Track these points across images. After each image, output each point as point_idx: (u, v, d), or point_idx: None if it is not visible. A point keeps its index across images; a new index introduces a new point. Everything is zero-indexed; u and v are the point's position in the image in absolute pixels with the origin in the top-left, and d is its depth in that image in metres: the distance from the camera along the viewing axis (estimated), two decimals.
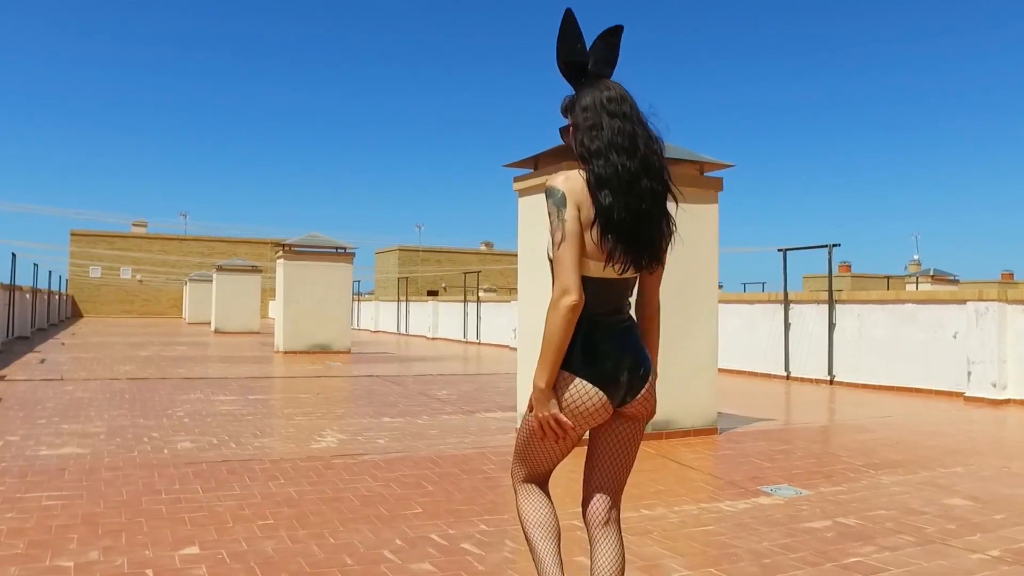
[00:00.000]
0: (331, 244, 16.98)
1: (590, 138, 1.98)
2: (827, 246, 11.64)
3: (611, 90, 2.03)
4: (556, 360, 1.96)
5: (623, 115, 1.99)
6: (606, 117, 1.98)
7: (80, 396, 8.74)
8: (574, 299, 1.90)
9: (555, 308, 1.92)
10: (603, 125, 1.98)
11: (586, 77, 2.09)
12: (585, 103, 2.03)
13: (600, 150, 1.96)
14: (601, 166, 1.95)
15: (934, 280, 25.96)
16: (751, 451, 6.13)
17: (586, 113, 2.01)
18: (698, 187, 6.72)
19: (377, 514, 4.11)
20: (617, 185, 1.93)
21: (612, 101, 2.00)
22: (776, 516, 4.33)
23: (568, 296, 1.90)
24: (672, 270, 6.47)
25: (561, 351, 1.95)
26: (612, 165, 1.94)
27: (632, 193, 1.95)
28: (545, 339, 1.94)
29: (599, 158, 1.96)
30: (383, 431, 6.73)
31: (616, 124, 1.98)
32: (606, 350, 2.02)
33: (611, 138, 1.96)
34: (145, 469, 4.98)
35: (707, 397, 6.70)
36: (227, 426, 6.86)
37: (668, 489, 4.95)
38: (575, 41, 2.08)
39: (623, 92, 2.04)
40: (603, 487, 2.16)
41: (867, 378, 10.84)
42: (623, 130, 1.97)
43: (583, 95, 2.05)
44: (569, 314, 1.91)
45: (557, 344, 1.93)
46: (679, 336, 6.53)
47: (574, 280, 1.91)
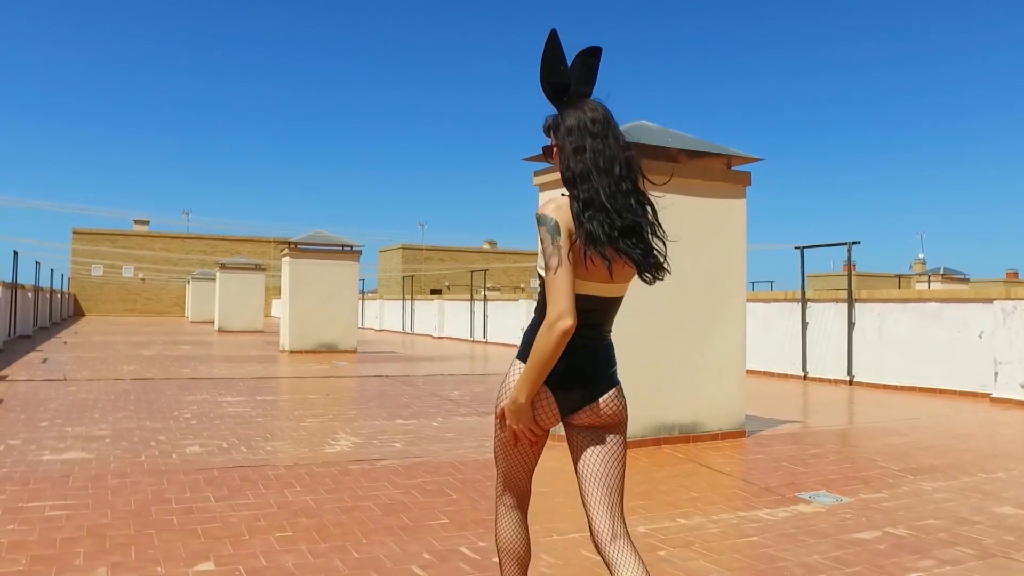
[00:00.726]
0: (337, 242, 16.74)
1: (575, 161, 2.04)
2: (846, 243, 11.39)
3: (594, 111, 2.08)
4: (540, 379, 2.01)
5: (604, 136, 2.05)
6: (589, 139, 2.04)
7: (84, 397, 8.51)
8: (569, 323, 1.94)
9: (549, 331, 1.96)
10: (586, 147, 2.03)
11: (568, 97, 2.13)
12: (569, 125, 2.08)
13: (584, 173, 2.02)
14: (585, 190, 2.01)
15: (944, 279, 25.63)
16: (782, 455, 5.89)
17: (571, 136, 2.06)
18: (725, 181, 6.48)
19: (401, 525, 3.88)
20: (600, 206, 1.99)
21: (595, 123, 2.06)
22: (820, 526, 4.10)
23: (564, 320, 1.94)
24: (697, 266, 6.26)
25: (547, 371, 2.00)
26: (593, 188, 2.00)
27: (614, 212, 2.01)
28: (534, 358, 2.00)
29: (584, 182, 2.02)
30: (398, 434, 6.49)
31: (598, 145, 2.04)
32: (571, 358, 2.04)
33: (593, 160, 2.02)
34: (153, 476, 4.74)
35: (735, 399, 6.46)
36: (236, 429, 6.62)
37: (702, 496, 4.72)
38: (558, 62, 2.12)
39: (605, 112, 2.10)
40: (599, 504, 2.12)
41: (888, 378, 10.60)
42: (604, 151, 2.04)
43: (567, 116, 2.10)
44: (562, 338, 1.95)
45: (545, 364, 1.99)
46: (705, 336, 6.30)
47: (568, 305, 1.96)
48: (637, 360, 5.96)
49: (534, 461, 2.25)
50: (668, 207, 6.15)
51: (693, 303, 6.26)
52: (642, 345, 6.00)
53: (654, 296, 6.17)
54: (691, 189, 6.29)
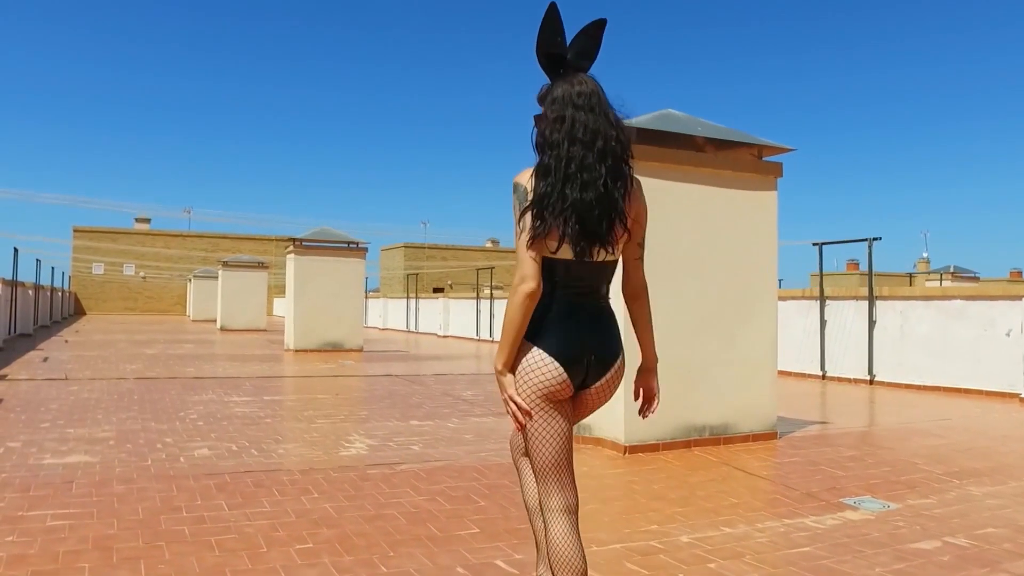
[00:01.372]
0: (342, 239, 16.46)
1: (551, 130, 2.03)
2: (866, 239, 11.12)
3: (583, 84, 2.06)
4: (514, 343, 2.04)
5: (589, 108, 2.03)
6: (571, 110, 2.02)
7: (86, 397, 8.24)
8: (531, 286, 1.98)
9: (514, 294, 2.00)
10: (566, 118, 2.02)
11: (564, 69, 2.12)
12: (556, 95, 2.07)
13: (556, 142, 2.01)
14: (549, 156, 2.01)
15: (954, 277, 25.43)
16: (818, 458, 5.63)
17: (554, 105, 2.05)
18: (756, 172, 6.21)
19: (429, 535, 3.61)
20: (561, 175, 1.98)
21: (581, 96, 2.04)
22: (874, 535, 3.84)
23: (526, 283, 1.98)
24: (729, 260, 5.98)
25: (519, 335, 2.03)
26: (560, 157, 1.99)
27: (576, 183, 1.98)
28: (504, 324, 2.04)
29: (552, 149, 2.01)
30: (414, 436, 6.22)
31: (580, 116, 2.01)
32: (571, 328, 2.07)
33: (570, 130, 2.00)
34: (161, 481, 4.47)
35: (767, 399, 6.19)
36: (245, 430, 6.35)
37: (743, 502, 4.46)
38: (555, 34, 2.10)
39: (594, 87, 2.07)
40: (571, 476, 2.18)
41: (910, 378, 10.32)
42: (585, 123, 2.01)
43: (555, 87, 2.09)
44: (526, 300, 1.98)
45: (515, 329, 2.02)
46: (735, 334, 6.03)
47: (532, 268, 1.98)
48: (666, 358, 5.62)
49: (566, 433, 2.15)
50: (699, 199, 5.87)
51: (725, 299, 5.99)
52: (672, 343, 5.71)
53: (685, 291, 5.93)
54: (722, 180, 6.02)
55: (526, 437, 2.13)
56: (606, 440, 5.68)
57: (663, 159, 5.75)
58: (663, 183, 5.75)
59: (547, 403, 2.07)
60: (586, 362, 2.09)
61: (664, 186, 5.75)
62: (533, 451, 2.12)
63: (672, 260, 5.76)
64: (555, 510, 2.12)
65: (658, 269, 5.76)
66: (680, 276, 5.79)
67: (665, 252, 5.74)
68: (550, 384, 2.05)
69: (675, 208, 5.80)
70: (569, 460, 2.16)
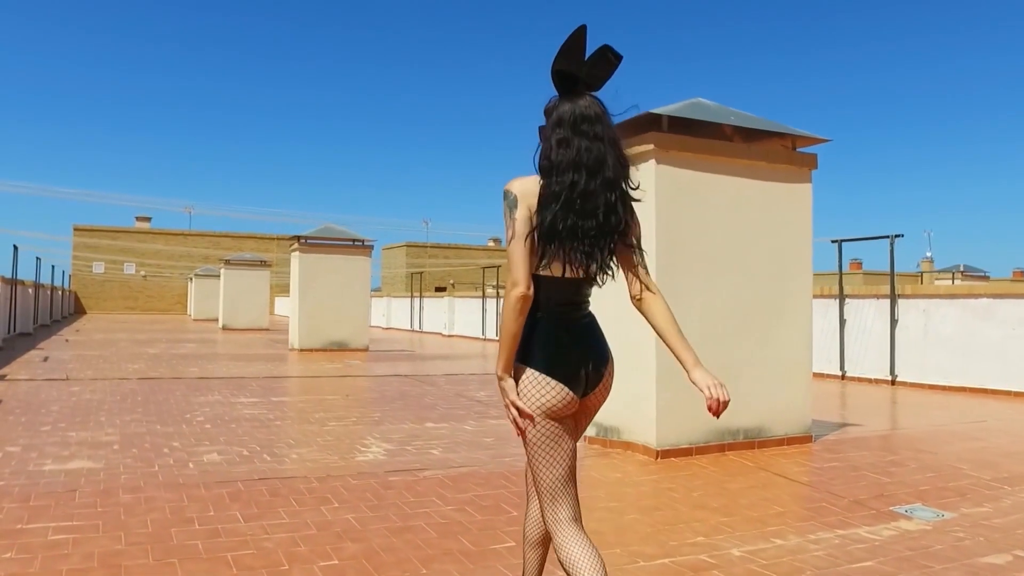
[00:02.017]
0: (348, 236, 16.17)
1: (556, 153, 2.04)
2: (888, 236, 10.83)
3: (589, 108, 2.07)
4: (511, 349, 2.05)
5: (594, 135, 2.04)
6: (577, 137, 2.03)
7: (88, 398, 7.96)
8: (522, 291, 1.99)
9: (507, 300, 2.02)
10: (572, 143, 2.03)
11: (574, 87, 2.11)
12: (561, 115, 2.07)
13: (561, 166, 2.02)
14: (558, 183, 2.01)
15: (964, 276, 25.13)
16: (858, 462, 5.35)
17: (558, 128, 2.06)
18: (790, 164, 5.92)
19: (462, 549, 3.33)
20: (565, 202, 2.00)
21: (586, 120, 2.05)
22: (936, 547, 3.57)
23: (517, 288, 1.99)
24: (763, 256, 5.68)
25: (515, 340, 2.04)
26: (565, 183, 2.00)
27: (581, 211, 2.01)
28: (501, 330, 2.05)
29: (558, 175, 2.02)
30: (432, 439, 5.94)
31: (584, 144, 2.03)
32: (566, 344, 2.10)
33: (576, 156, 2.02)
34: (171, 490, 4.18)
35: (801, 401, 5.91)
36: (255, 433, 6.07)
37: (789, 511, 4.19)
38: (577, 56, 2.09)
39: (599, 110, 2.08)
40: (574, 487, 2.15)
41: (934, 378, 10.04)
42: (591, 150, 2.03)
43: (561, 105, 2.09)
44: (519, 304, 1.99)
45: (511, 334, 2.03)
46: (769, 333, 5.75)
47: (523, 274, 1.99)
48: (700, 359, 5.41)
49: (573, 447, 2.15)
50: (733, 191, 5.58)
51: (759, 296, 5.71)
52: (706, 342, 5.43)
53: (718, 288, 5.65)
54: (755, 172, 5.74)
55: (535, 459, 2.11)
56: (637, 444, 5.40)
57: (697, 149, 5.46)
58: (696, 174, 5.47)
59: (553, 423, 2.08)
60: (583, 374, 2.11)
61: (697, 177, 5.48)
62: (542, 472, 2.11)
63: (705, 255, 5.48)
64: (565, 521, 2.10)
65: (691, 264, 5.52)
66: (713, 272, 5.51)
67: (698, 246, 5.46)
68: (556, 404, 2.07)
69: (708, 200, 5.52)
70: (575, 474, 2.16)
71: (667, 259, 5.30)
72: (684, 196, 5.42)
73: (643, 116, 5.34)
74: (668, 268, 5.29)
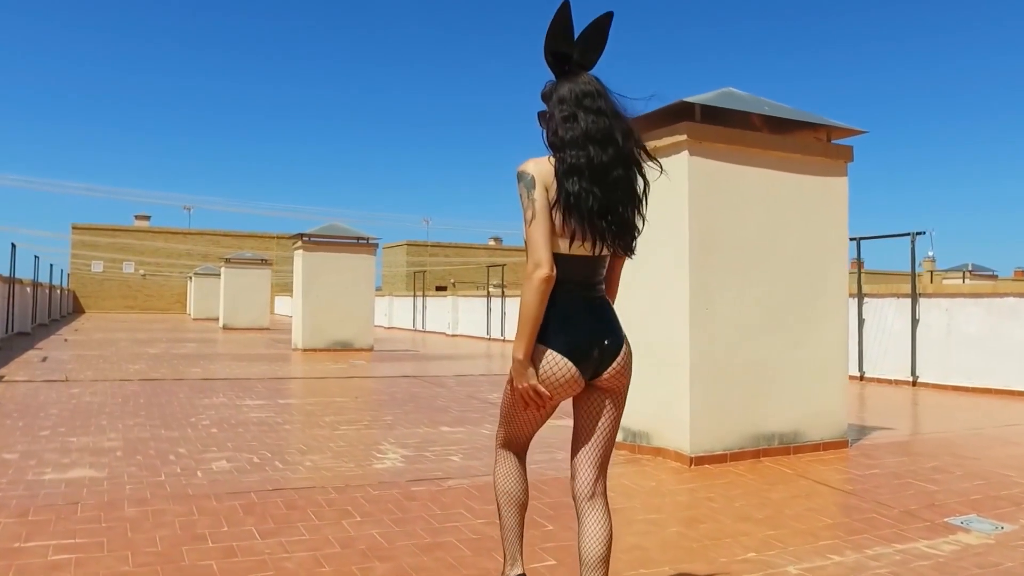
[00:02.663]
0: (352, 234, 15.88)
1: (564, 129, 2.05)
2: (909, 234, 10.57)
3: (589, 84, 2.09)
4: (532, 332, 2.04)
5: (598, 110, 2.06)
6: (581, 111, 2.05)
7: (88, 400, 7.68)
8: (546, 272, 1.98)
9: (529, 282, 2.00)
10: (578, 118, 2.05)
11: (570, 67, 2.13)
12: (562, 94, 2.09)
13: (575, 140, 2.03)
14: (574, 156, 2.02)
15: (972, 275, 24.83)
16: (900, 469, 5.09)
17: (562, 105, 2.08)
18: (825, 156, 5.65)
19: (499, 568, 3.05)
20: (589, 174, 2.01)
21: (588, 96, 2.07)
22: (1007, 564, 3.32)
23: (540, 270, 1.98)
24: (798, 251, 5.36)
25: (537, 323, 2.04)
26: (585, 156, 2.01)
27: (603, 183, 2.02)
28: (521, 312, 2.04)
29: (573, 148, 2.03)
30: (450, 445, 5.67)
31: (591, 118, 2.04)
32: (578, 324, 2.10)
33: (586, 129, 2.03)
34: (179, 502, 3.90)
35: (837, 404, 5.64)
36: (264, 439, 5.80)
37: (838, 523, 3.93)
38: (566, 34, 2.11)
39: (599, 87, 2.10)
40: (586, 461, 2.20)
41: (957, 379, 9.78)
42: (598, 123, 2.04)
43: (561, 85, 2.11)
44: (543, 286, 1.99)
45: (533, 316, 2.02)
46: (803, 332, 5.48)
47: (546, 255, 1.99)
48: (734, 360, 5.15)
49: (541, 424, 2.30)
50: (766, 184, 5.30)
51: (793, 293, 5.44)
52: (739, 342, 5.18)
53: (751, 285, 5.37)
54: (790, 165, 5.47)
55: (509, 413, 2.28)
56: (668, 450, 5.13)
57: (730, 140, 5.19)
58: (730, 167, 5.20)
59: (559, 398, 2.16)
60: (595, 354, 2.13)
61: (731, 170, 5.21)
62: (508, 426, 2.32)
63: (739, 251, 5.21)
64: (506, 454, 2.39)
65: (724, 260, 5.23)
66: (747, 268, 5.24)
67: (732, 242, 5.19)
68: (562, 381, 2.11)
69: (742, 194, 5.25)
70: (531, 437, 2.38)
71: (700, 255, 5.03)
72: (718, 189, 5.15)
73: (674, 105, 5.07)
74: (701, 265, 5.03)
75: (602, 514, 2.15)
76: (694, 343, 4.97)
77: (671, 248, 5.12)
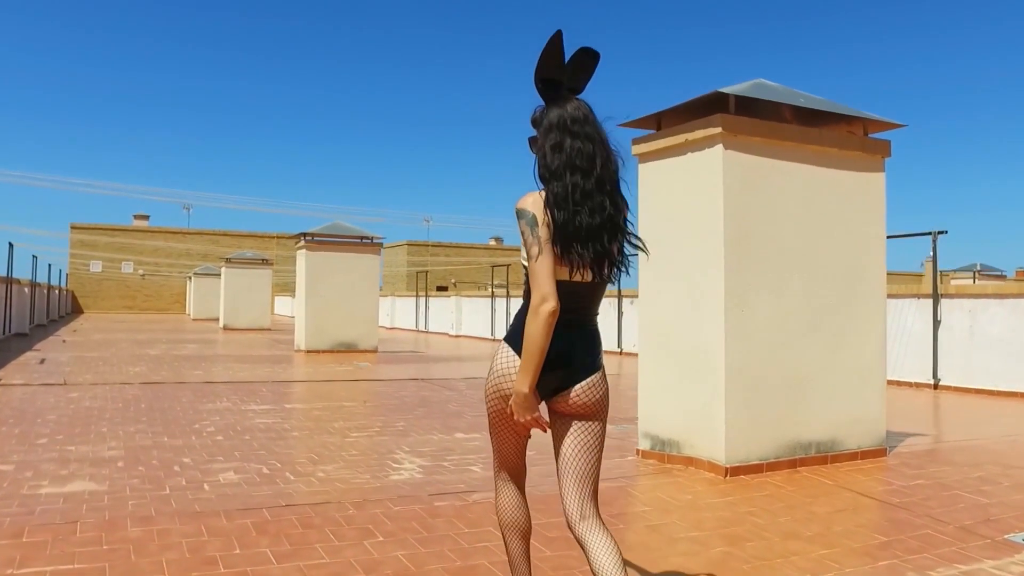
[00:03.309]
0: (356, 234, 15.60)
1: (551, 159, 2.10)
2: (931, 233, 10.30)
3: (577, 110, 2.13)
4: (538, 365, 2.05)
5: (585, 135, 2.10)
6: (568, 138, 2.09)
7: (88, 405, 7.40)
8: (552, 306, 2.01)
9: (535, 315, 2.02)
10: (564, 146, 2.09)
11: (559, 93, 2.17)
12: (551, 121, 2.13)
13: (559, 171, 2.08)
14: (557, 187, 2.07)
15: (980, 275, 24.60)
16: (945, 479, 4.82)
17: (551, 133, 2.12)
18: (862, 151, 5.39)
19: None
20: (571, 203, 2.05)
21: (576, 122, 2.11)
22: None
23: (547, 303, 2.01)
24: (834, 252, 5.05)
25: (542, 356, 2.04)
26: (566, 185, 2.06)
27: (584, 210, 2.06)
28: (527, 346, 2.05)
29: (557, 179, 2.08)
30: (468, 454, 5.39)
31: (576, 145, 2.08)
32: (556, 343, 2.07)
33: (569, 159, 2.08)
34: (187, 520, 3.62)
35: (876, 411, 5.37)
36: (272, 447, 5.53)
37: (893, 540, 3.66)
38: (556, 61, 2.14)
39: (587, 112, 2.14)
40: (570, 489, 2.17)
41: (981, 382, 9.51)
42: (582, 151, 2.08)
43: (550, 112, 2.15)
44: (549, 319, 2.01)
45: (539, 350, 2.03)
46: (841, 336, 5.21)
47: (550, 289, 2.02)
48: (770, 366, 4.88)
49: (523, 442, 2.30)
50: (802, 180, 5.02)
51: (831, 296, 5.17)
52: (775, 348, 4.91)
53: (788, 286, 5.08)
54: (825, 160, 5.20)
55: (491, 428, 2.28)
56: (700, 460, 4.85)
57: (765, 134, 4.92)
58: (765, 161, 4.93)
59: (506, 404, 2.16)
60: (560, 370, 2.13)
61: (766, 165, 4.94)
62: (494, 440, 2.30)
63: (775, 250, 4.94)
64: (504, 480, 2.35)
65: (760, 260, 4.92)
66: (783, 269, 4.97)
67: (767, 240, 4.92)
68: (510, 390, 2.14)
69: (777, 190, 4.98)
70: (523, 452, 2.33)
71: (735, 255, 4.76)
72: (752, 185, 4.88)
73: (707, 96, 4.80)
74: (736, 265, 4.75)
75: (600, 535, 2.11)
76: (730, 347, 4.70)
77: (703, 247, 4.85)
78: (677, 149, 5.05)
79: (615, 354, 14.98)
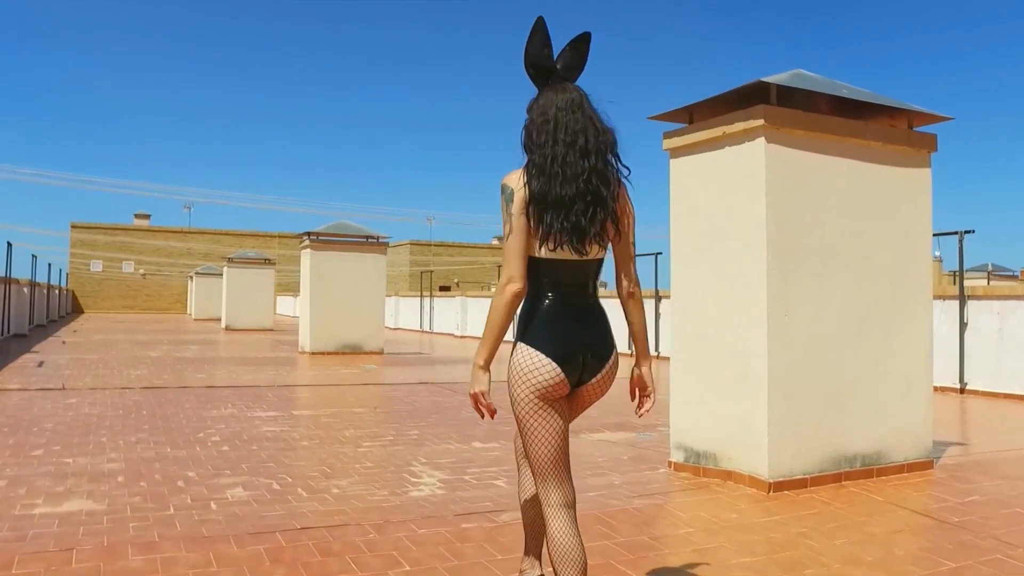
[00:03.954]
0: (362, 233, 15.30)
1: (538, 131, 2.10)
2: (957, 232, 9.99)
3: (569, 92, 2.14)
4: (497, 341, 2.11)
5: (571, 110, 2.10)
6: (554, 111, 2.10)
7: (87, 412, 7.09)
8: (518, 287, 2.05)
9: (500, 293, 2.06)
10: (550, 119, 2.09)
11: (552, 79, 2.18)
12: (542, 101, 2.15)
13: (544, 143, 2.07)
14: (538, 155, 2.07)
15: (992, 275, 24.30)
16: (1001, 496, 4.52)
17: (541, 110, 2.13)
18: (907, 145, 5.08)
19: None
20: (550, 172, 2.04)
21: (567, 103, 2.11)
22: None
23: (513, 284, 2.04)
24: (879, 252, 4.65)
25: (503, 333, 2.09)
26: (547, 155, 2.05)
27: (566, 180, 2.03)
28: (489, 322, 2.10)
29: (541, 149, 2.07)
30: (489, 465, 5.09)
31: (563, 116, 2.09)
32: (567, 328, 2.11)
33: (553, 130, 2.07)
34: (193, 546, 3.31)
35: (922, 420, 5.06)
36: (281, 458, 5.23)
37: (963, 567, 3.36)
38: (543, 46, 2.16)
39: (580, 95, 2.14)
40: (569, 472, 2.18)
41: (1011, 386, 9.20)
42: (567, 124, 2.08)
43: (542, 94, 2.17)
44: (513, 300, 2.05)
45: (500, 327, 2.08)
46: (886, 341, 4.90)
47: (519, 269, 2.04)
48: (813, 373, 4.57)
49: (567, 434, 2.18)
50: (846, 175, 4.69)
51: (876, 299, 4.86)
52: (818, 354, 4.60)
53: (831, 288, 4.74)
54: (869, 154, 4.89)
55: (524, 436, 2.16)
56: (740, 474, 4.54)
57: (808, 127, 4.61)
58: (808, 155, 4.63)
59: (544, 402, 2.10)
60: (581, 360, 2.11)
61: (809, 159, 4.63)
62: (532, 450, 2.14)
63: (818, 249, 4.63)
64: (555, 505, 2.14)
65: (803, 259, 4.54)
66: (826, 269, 4.66)
67: (811, 238, 4.61)
68: (547, 384, 2.08)
69: (820, 186, 4.68)
70: (566, 457, 2.18)
71: (778, 256, 4.44)
72: (796, 181, 4.57)
73: (748, 87, 4.49)
74: (780, 266, 4.45)
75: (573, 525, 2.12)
76: (773, 354, 4.38)
77: (742, 248, 4.54)
78: (714, 143, 4.74)
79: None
